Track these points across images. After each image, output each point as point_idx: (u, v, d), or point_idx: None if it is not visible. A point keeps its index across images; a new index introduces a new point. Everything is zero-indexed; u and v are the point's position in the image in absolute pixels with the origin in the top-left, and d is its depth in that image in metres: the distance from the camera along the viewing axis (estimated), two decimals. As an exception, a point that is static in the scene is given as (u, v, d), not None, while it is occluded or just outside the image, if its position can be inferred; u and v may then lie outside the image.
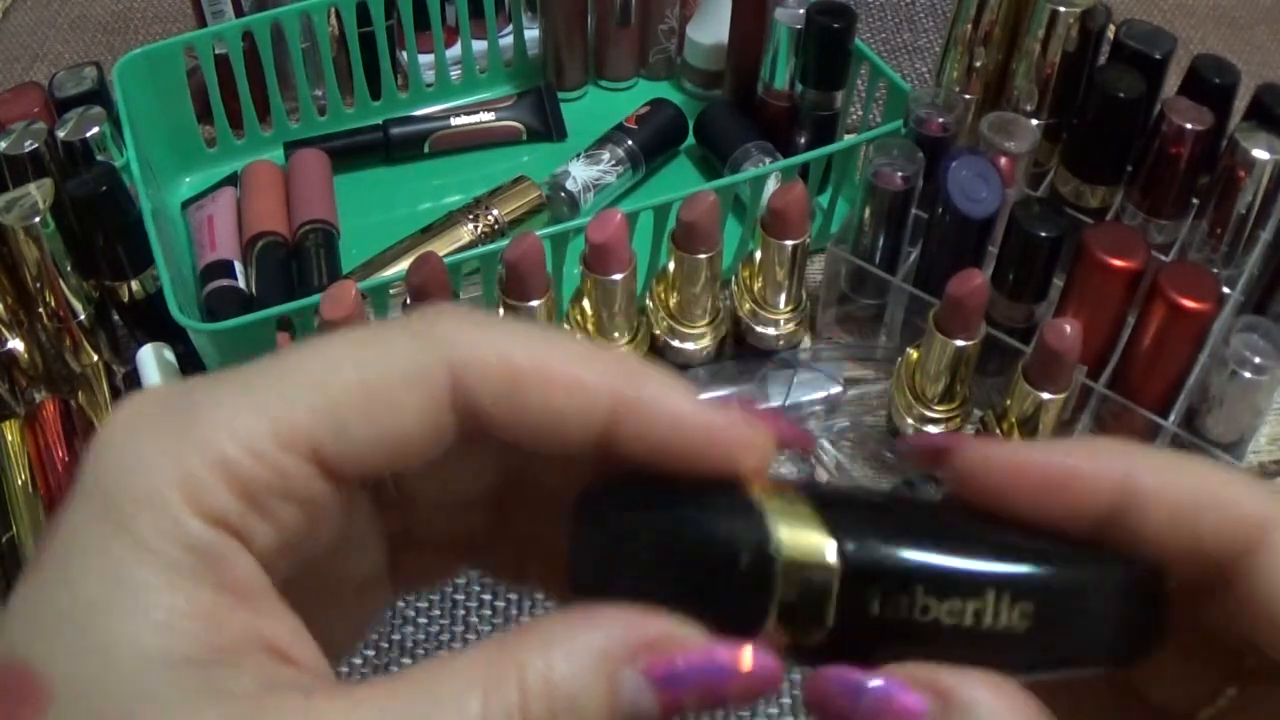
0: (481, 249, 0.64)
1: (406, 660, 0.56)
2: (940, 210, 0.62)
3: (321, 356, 0.20)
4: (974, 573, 0.20)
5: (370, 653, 0.57)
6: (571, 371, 0.20)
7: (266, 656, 0.18)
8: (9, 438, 0.61)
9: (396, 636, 0.57)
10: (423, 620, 0.58)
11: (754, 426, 0.21)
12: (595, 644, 0.19)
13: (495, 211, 0.73)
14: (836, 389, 0.65)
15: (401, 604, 0.58)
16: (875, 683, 0.20)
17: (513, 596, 0.59)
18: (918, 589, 0.20)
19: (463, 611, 0.58)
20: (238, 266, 0.70)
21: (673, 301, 0.64)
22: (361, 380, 0.19)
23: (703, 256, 0.61)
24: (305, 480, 0.19)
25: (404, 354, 0.20)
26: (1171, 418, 0.59)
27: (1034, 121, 0.66)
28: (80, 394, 0.63)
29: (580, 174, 0.76)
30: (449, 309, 0.21)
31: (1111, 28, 0.69)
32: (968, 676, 0.20)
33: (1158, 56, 0.66)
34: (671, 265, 0.63)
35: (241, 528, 0.19)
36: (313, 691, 0.18)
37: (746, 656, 0.20)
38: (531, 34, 0.86)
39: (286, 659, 0.19)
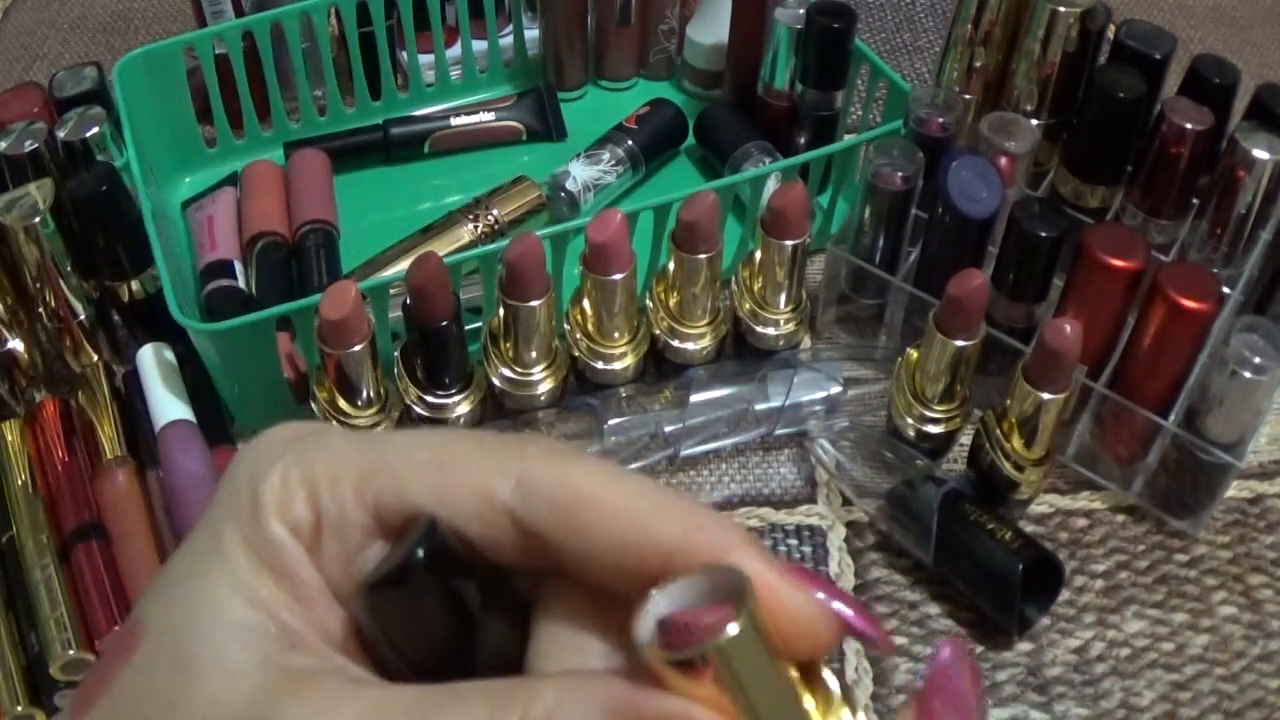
0: (481, 249, 0.64)
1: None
2: (940, 210, 0.62)
3: (414, 434, 0.23)
4: None
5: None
6: (637, 511, 0.21)
7: (319, 647, 0.22)
8: (9, 438, 0.61)
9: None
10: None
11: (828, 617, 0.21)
12: (601, 693, 0.20)
13: (495, 211, 0.73)
14: (836, 389, 0.65)
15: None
16: None
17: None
18: None
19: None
20: (238, 266, 0.70)
21: (673, 301, 0.64)
22: (433, 455, 0.22)
23: (703, 256, 0.61)
24: (358, 522, 0.22)
25: (478, 454, 0.22)
26: (1171, 418, 0.59)
27: (1034, 121, 0.66)
28: (80, 394, 0.63)
29: (580, 174, 0.76)
30: (539, 436, 0.24)
31: (1111, 28, 0.69)
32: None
33: (1158, 56, 0.66)
34: (671, 265, 0.63)
35: (310, 540, 0.22)
36: (349, 683, 0.21)
37: None
38: (531, 34, 0.86)
39: (337, 649, 0.22)
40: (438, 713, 0.20)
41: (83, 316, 0.64)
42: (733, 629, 0.19)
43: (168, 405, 0.60)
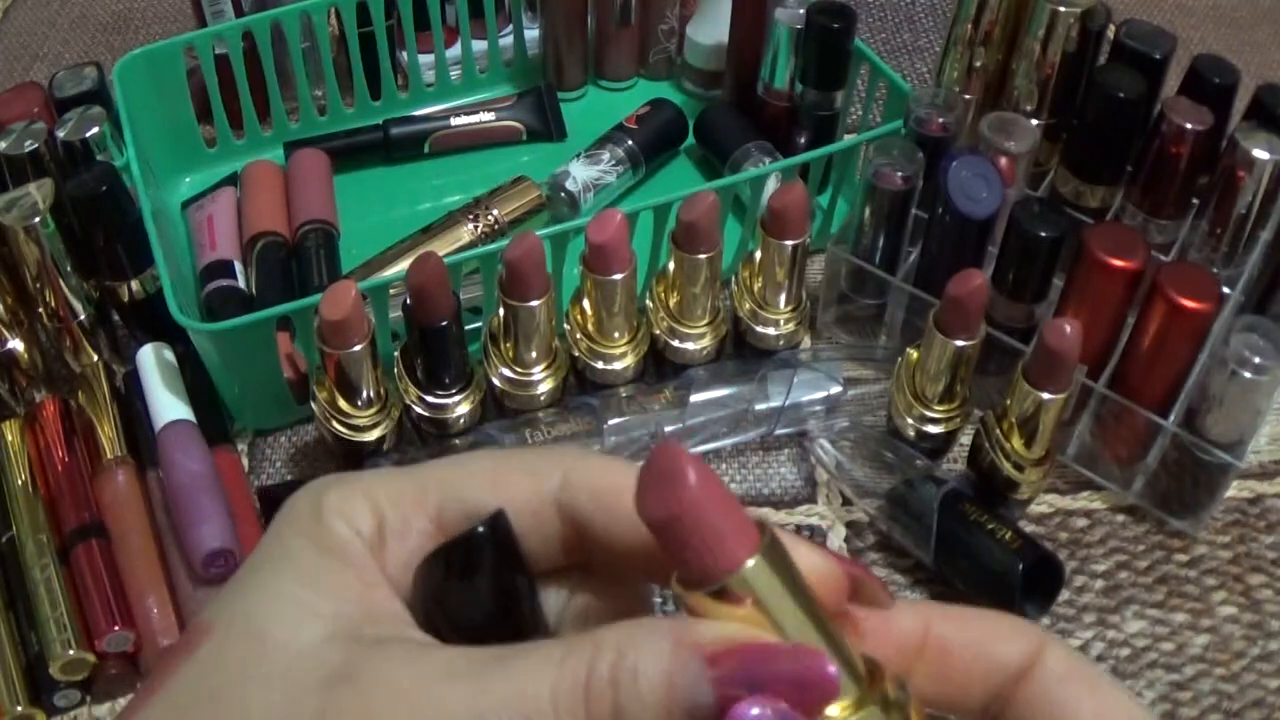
0: (481, 249, 0.64)
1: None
2: (940, 210, 0.62)
3: (464, 454, 0.26)
4: None
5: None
6: None
7: (391, 620, 0.23)
8: (9, 438, 0.61)
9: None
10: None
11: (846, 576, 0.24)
12: (668, 631, 0.21)
13: (495, 211, 0.73)
14: (836, 389, 0.65)
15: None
16: None
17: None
18: None
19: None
20: (238, 266, 0.70)
21: (673, 301, 0.64)
22: (487, 465, 0.25)
23: (703, 256, 0.61)
24: (419, 529, 0.25)
25: (521, 460, 0.25)
26: (1171, 418, 0.59)
27: (1034, 121, 0.66)
28: (80, 394, 0.63)
29: (580, 174, 0.76)
30: (574, 446, 0.26)
31: (1111, 28, 0.69)
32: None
33: (1158, 56, 0.66)
34: (671, 265, 0.63)
35: (373, 542, 0.24)
36: (423, 645, 0.23)
37: (819, 665, 0.20)
38: (531, 34, 0.86)
39: (407, 624, 0.24)
40: (517, 659, 0.21)
41: (83, 316, 0.64)
42: (753, 560, 0.22)
43: (168, 405, 0.60)
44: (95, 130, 0.68)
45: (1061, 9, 0.65)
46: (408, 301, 0.58)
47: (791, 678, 0.20)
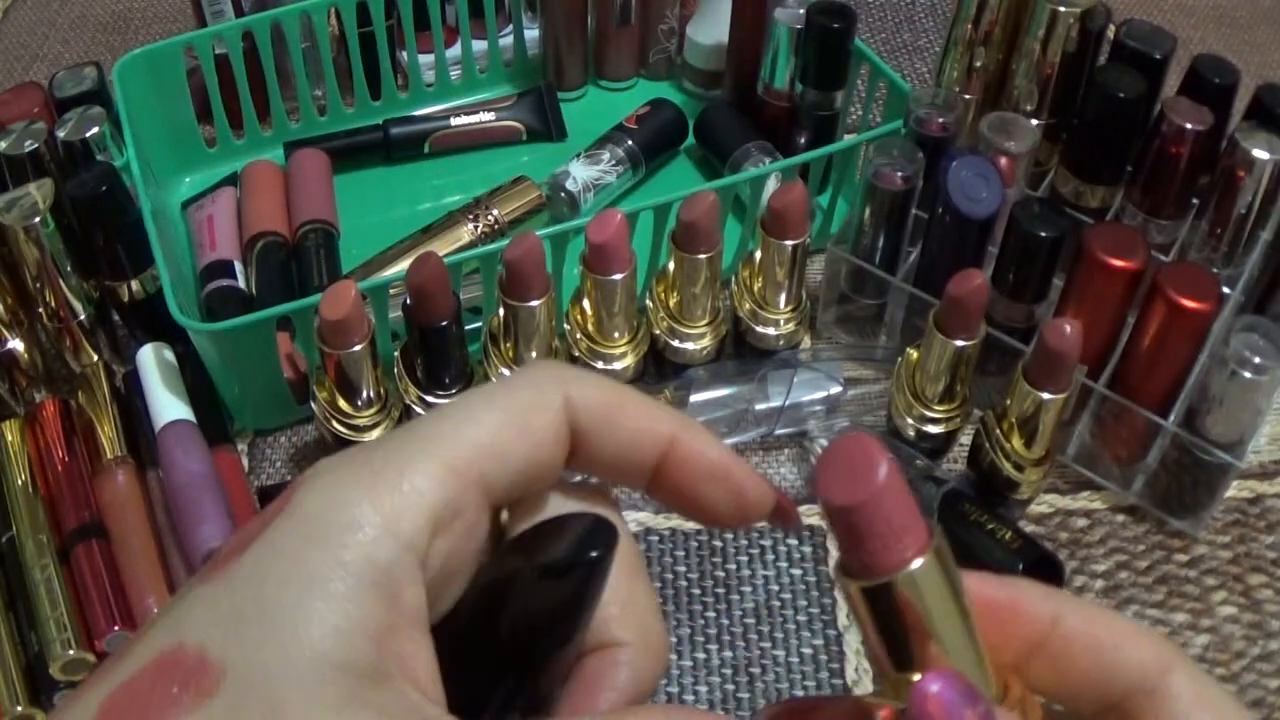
0: (481, 249, 0.64)
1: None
2: (940, 210, 0.62)
3: (466, 406, 0.24)
4: None
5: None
6: (645, 405, 0.26)
7: (410, 683, 0.21)
8: (9, 438, 0.61)
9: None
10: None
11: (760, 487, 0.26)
12: None
13: (495, 211, 0.73)
14: (836, 389, 0.65)
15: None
16: None
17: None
18: None
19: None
20: (238, 266, 0.70)
21: (673, 301, 0.64)
22: (504, 415, 0.24)
23: (703, 256, 0.61)
24: (472, 502, 0.23)
25: (529, 390, 0.24)
26: (1171, 418, 0.59)
27: (1034, 121, 0.66)
28: (80, 394, 0.63)
29: (580, 174, 0.76)
30: (551, 360, 0.26)
31: (1111, 28, 0.69)
32: None
33: (1158, 56, 0.66)
34: (671, 265, 0.63)
35: (422, 552, 0.21)
36: None
37: None
38: (531, 34, 0.86)
39: (423, 689, 0.21)
40: None
41: (83, 316, 0.64)
42: (921, 560, 0.21)
43: (168, 405, 0.60)
44: (95, 130, 0.68)
45: (1061, 9, 0.65)
46: (408, 301, 0.58)
47: None
